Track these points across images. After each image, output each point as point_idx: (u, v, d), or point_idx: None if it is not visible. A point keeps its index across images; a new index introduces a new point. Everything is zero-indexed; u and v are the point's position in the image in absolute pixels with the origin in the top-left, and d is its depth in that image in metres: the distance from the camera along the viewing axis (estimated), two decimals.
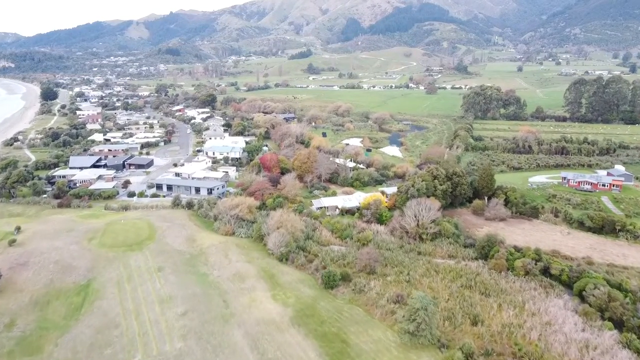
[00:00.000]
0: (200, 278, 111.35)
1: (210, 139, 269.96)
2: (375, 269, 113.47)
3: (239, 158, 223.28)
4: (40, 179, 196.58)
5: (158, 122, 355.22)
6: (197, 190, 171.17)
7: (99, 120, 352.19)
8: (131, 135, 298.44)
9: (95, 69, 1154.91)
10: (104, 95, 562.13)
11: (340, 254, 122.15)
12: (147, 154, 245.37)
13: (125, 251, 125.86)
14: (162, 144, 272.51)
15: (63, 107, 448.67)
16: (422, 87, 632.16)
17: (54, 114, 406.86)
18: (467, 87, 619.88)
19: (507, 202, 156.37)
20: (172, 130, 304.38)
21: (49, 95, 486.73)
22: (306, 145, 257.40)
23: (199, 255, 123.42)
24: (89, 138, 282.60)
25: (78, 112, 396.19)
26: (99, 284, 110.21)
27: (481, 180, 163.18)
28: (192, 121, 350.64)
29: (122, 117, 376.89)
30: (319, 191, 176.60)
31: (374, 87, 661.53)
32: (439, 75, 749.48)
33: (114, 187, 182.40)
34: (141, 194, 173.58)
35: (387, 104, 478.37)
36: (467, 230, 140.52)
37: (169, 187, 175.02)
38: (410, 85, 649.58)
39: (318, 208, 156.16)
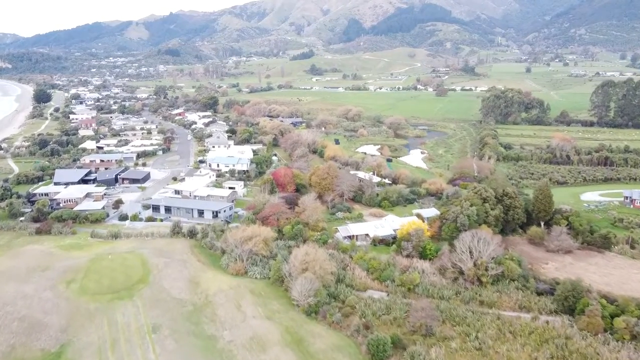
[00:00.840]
0: (206, 344, 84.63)
1: (213, 147, 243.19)
2: (432, 328, 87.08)
3: (247, 171, 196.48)
4: (19, 196, 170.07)
5: (156, 127, 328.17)
6: (201, 213, 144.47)
7: (93, 125, 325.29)
8: (127, 142, 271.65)
9: (94, 69, 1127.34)
10: (100, 97, 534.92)
11: (384, 306, 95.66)
12: (144, 164, 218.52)
13: (112, 300, 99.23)
14: (161, 152, 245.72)
15: (56, 110, 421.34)
16: (430, 89, 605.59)
17: (46, 118, 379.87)
18: (476, 88, 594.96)
19: (569, 229, 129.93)
20: (172, 136, 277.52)
21: (42, 97, 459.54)
22: (319, 154, 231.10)
23: (205, 306, 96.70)
24: (80, 146, 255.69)
25: (71, 116, 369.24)
26: (74, 352, 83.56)
27: (537, 202, 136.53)
28: (193, 126, 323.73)
29: (118, 121, 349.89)
30: (342, 213, 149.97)
31: (380, 88, 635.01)
32: (446, 77, 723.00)
33: (103, 207, 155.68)
34: (135, 217, 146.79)
35: (397, 107, 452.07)
36: (530, 267, 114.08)
37: (167, 209, 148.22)
38: (418, 86, 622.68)
39: (345, 237, 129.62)
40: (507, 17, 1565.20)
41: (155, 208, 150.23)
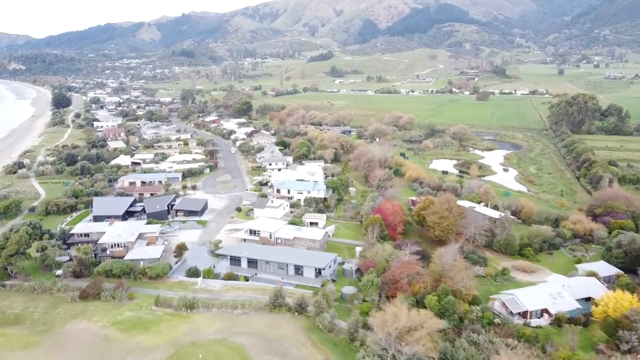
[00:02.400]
0: None
1: (270, 165, 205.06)
2: None
3: (325, 199, 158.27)
4: (51, 236, 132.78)
5: (191, 137, 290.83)
6: (298, 269, 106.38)
7: (122, 134, 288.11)
8: (164, 156, 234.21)
9: (108, 71, 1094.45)
10: (121, 101, 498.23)
11: None
12: (194, 187, 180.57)
13: None
14: (208, 170, 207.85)
15: (77, 116, 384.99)
16: (467, 92, 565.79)
17: (67, 126, 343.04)
18: (516, 91, 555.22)
19: None
20: (216, 150, 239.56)
21: (61, 101, 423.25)
22: (395, 173, 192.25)
23: None
24: (112, 162, 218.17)
25: (95, 124, 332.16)
26: None
27: None
28: (233, 136, 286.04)
29: (147, 130, 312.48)
30: (480, 267, 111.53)
31: (412, 91, 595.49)
32: (476, 79, 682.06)
33: (161, 256, 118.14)
34: (209, 273, 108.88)
35: (441, 113, 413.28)
36: None
37: (251, 262, 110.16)
38: (453, 89, 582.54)
39: (515, 314, 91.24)
40: (524, 17, 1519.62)
41: (234, 260, 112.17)
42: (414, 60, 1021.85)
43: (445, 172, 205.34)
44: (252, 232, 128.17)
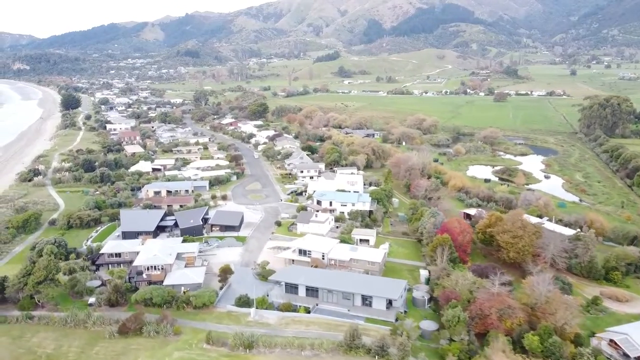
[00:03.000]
0: None
1: (302, 172, 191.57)
2: None
3: (371, 211, 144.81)
4: (77, 254, 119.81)
5: (210, 140, 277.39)
6: (365, 300, 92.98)
7: (137, 138, 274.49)
8: (185, 162, 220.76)
9: (113, 71, 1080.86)
10: (130, 102, 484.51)
11: None
12: (224, 198, 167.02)
13: None
14: (235, 178, 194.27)
15: (88, 118, 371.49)
16: (481, 93, 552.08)
17: (79, 128, 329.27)
18: (532, 92, 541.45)
19: None
20: (239, 155, 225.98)
21: (70, 103, 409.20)
22: (441, 183, 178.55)
23: None
24: (132, 168, 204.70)
25: (108, 126, 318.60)
26: None
27: None
28: (253, 140, 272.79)
29: (163, 133, 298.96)
30: (567, 295, 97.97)
31: (426, 92, 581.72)
32: (489, 79, 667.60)
33: (203, 280, 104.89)
34: (262, 303, 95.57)
35: (460, 115, 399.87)
36: None
37: (310, 290, 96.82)
38: (467, 91, 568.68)
39: (633, 358, 77.87)
40: (530, 17, 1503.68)
41: (291, 287, 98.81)
42: (421, 60, 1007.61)
43: (487, 180, 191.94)
44: (302, 252, 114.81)
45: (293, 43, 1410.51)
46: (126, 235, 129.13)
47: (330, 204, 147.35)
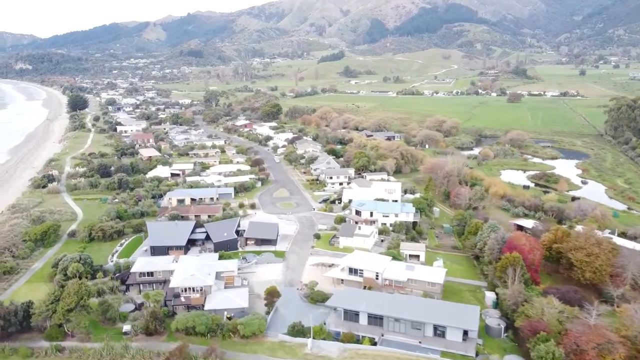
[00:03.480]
0: None
1: (331, 178, 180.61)
2: None
3: (415, 223, 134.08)
4: (104, 272, 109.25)
5: (226, 142, 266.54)
6: (437, 330, 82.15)
7: (150, 140, 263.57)
8: (204, 166, 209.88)
9: (116, 71, 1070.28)
10: (138, 102, 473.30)
11: None
12: (252, 207, 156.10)
13: None
14: (259, 184, 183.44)
15: (96, 119, 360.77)
16: (493, 94, 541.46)
17: (89, 130, 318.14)
18: (545, 93, 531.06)
19: None
20: (261, 159, 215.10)
21: (77, 103, 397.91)
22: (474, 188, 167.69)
23: None
24: (150, 174, 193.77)
25: (119, 128, 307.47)
26: None
27: None
28: (270, 142, 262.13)
29: (176, 135, 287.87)
30: None
31: (436, 93, 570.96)
32: (498, 79, 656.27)
33: (247, 304, 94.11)
34: (320, 333, 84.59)
35: (476, 116, 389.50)
36: None
37: (373, 318, 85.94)
38: (479, 91, 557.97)
39: None
40: (533, 17, 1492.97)
41: (350, 313, 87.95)
42: (427, 60, 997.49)
43: (526, 187, 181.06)
44: (352, 270, 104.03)
45: (296, 43, 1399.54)
46: (155, 251, 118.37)
47: (371, 214, 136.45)
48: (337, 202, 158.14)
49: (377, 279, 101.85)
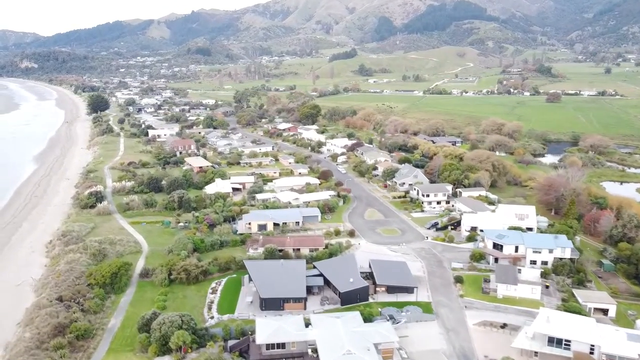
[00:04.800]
0: None
1: (426, 197, 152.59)
2: None
3: (572, 260, 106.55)
4: (211, 336, 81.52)
5: (274, 149, 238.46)
6: None
7: (192, 147, 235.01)
8: (264, 179, 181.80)
9: (123, 69, 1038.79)
10: (159, 103, 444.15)
11: None
12: (352, 234, 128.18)
13: None
14: (341, 202, 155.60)
15: (121, 121, 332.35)
16: (526, 93, 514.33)
17: (117, 134, 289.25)
18: (580, 92, 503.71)
19: None
20: (329, 171, 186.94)
21: (99, 105, 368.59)
22: (601, 207, 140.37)
23: None
24: (209, 189, 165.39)
25: (150, 132, 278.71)
26: None
27: None
28: (324, 148, 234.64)
29: (217, 141, 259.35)
30: None
31: (465, 92, 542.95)
32: (528, 78, 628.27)
33: None
34: None
35: (522, 117, 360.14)
36: None
37: None
38: (511, 90, 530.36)
39: None
40: (542, 14, 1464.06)
41: None
42: (441, 58, 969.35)
43: None
44: (553, 340, 76.51)
45: (304, 41, 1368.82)
46: (266, 304, 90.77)
47: (516, 249, 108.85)
48: (450, 228, 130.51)
49: (592, 353, 74.38)
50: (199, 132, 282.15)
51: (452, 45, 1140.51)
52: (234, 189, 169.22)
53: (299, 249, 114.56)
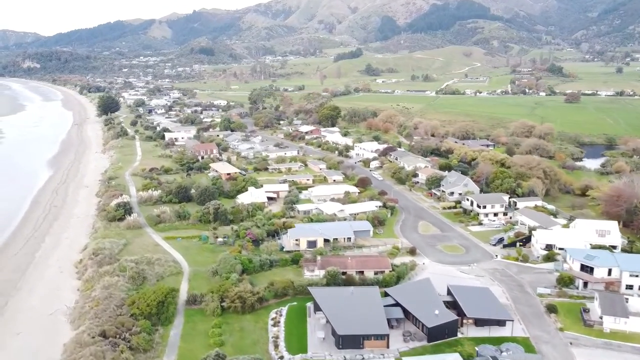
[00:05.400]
0: None
1: (482, 209, 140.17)
2: None
3: None
4: None
5: (299, 153, 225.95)
6: None
7: (214, 151, 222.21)
8: (299, 187, 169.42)
9: (126, 69, 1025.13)
10: (169, 104, 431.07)
11: None
12: (412, 252, 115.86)
13: None
14: (389, 214, 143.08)
15: (134, 123, 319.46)
16: (542, 93, 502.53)
17: (132, 137, 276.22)
18: (597, 92, 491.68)
19: None
20: (367, 179, 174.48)
21: (110, 106, 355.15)
22: None
23: None
24: (242, 199, 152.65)
25: (167, 135, 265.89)
26: None
27: None
28: (352, 153, 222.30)
29: (238, 144, 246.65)
30: None
31: (479, 92, 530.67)
32: (541, 78, 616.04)
33: None
34: None
35: (545, 118, 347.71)
36: None
37: None
38: (526, 90, 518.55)
39: None
40: (545, 14, 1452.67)
41: None
42: (448, 58, 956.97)
43: None
44: None
45: (307, 40, 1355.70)
46: (345, 342, 78.24)
47: (609, 272, 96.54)
48: (518, 244, 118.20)
49: None
50: (217, 135, 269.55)
51: (457, 44, 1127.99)
52: (269, 199, 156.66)
53: (362, 272, 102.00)
